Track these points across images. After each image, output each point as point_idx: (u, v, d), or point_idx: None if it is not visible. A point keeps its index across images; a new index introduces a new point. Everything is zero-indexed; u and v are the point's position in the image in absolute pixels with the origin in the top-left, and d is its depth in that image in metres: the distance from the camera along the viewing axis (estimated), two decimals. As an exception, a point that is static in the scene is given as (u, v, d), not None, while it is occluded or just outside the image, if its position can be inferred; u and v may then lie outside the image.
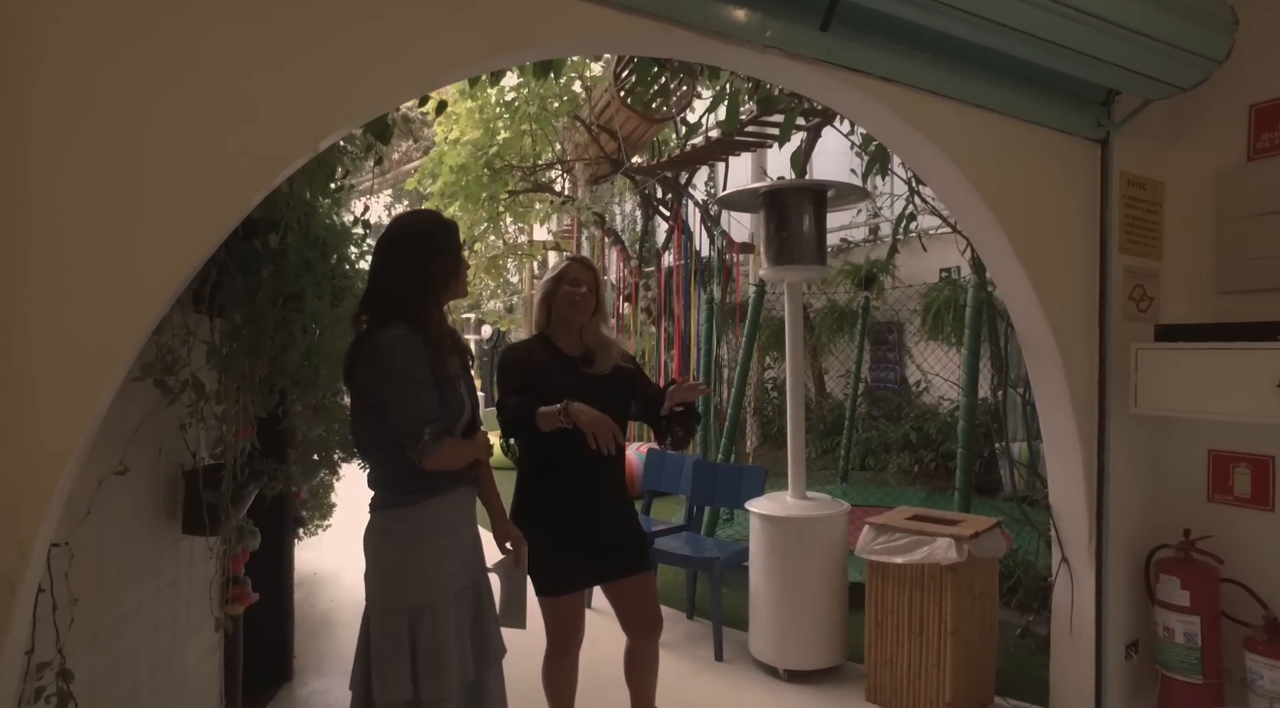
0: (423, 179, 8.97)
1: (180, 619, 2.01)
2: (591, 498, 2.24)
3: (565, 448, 2.19)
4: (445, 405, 1.76)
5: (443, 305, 1.89)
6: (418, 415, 1.69)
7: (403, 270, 1.79)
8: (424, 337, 1.77)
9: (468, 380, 1.93)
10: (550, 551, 2.18)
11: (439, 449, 1.71)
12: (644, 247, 10.09)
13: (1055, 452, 2.66)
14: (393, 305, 1.78)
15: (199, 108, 1.31)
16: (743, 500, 3.58)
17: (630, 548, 2.30)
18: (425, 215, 1.96)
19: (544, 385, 2.20)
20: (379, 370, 1.72)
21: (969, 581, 2.84)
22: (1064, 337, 2.53)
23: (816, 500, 3.32)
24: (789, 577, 3.19)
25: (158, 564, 1.87)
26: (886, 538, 2.91)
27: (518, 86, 8.37)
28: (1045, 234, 2.50)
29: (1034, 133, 2.44)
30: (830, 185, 3.23)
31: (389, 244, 1.84)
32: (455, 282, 1.89)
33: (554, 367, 2.27)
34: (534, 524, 2.19)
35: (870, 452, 7.08)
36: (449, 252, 1.86)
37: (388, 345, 1.72)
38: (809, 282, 8.23)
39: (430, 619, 1.74)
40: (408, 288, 1.78)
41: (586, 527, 2.22)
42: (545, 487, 2.24)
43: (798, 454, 3.38)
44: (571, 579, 2.25)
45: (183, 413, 1.85)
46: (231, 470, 1.89)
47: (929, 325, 6.51)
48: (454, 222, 1.96)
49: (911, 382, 7.70)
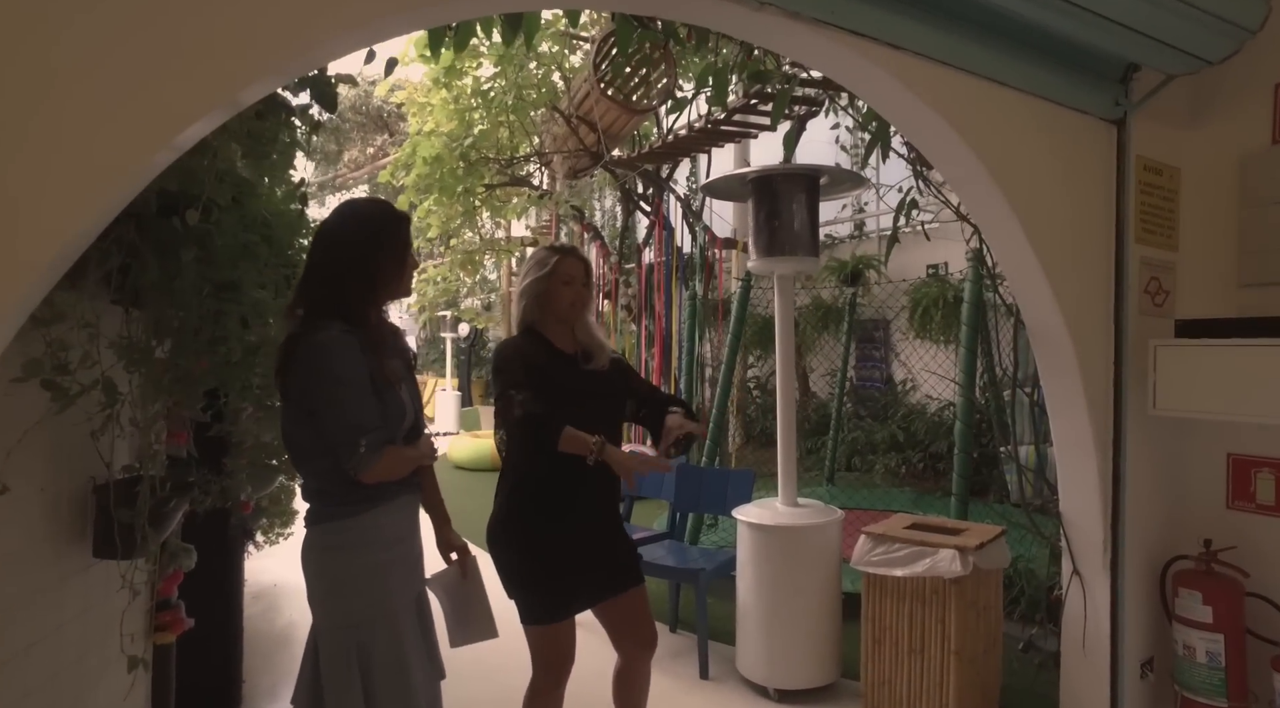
0: (396, 171, 8.68)
1: (91, 656, 1.75)
2: (589, 512, 2.05)
3: (569, 459, 1.98)
4: (386, 412, 1.59)
5: (384, 304, 1.72)
6: (354, 424, 1.52)
7: (345, 264, 1.61)
8: (362, 337, 1.59)
9: (410, 384, 1.76)
10: (544, 573, 1.99)
11: (376, 460, 1.54)
12: (624, 243, 9.87)
13: (1068, 456, 2.47)
14: (330, 301, 1.59)
15: (82, 46, 1.07)
16: (730, 507, 3.37)
17: (625, 561, 2.13)
18: (374, 204, 1.77)
19: (550, 384, 2.02)
20: (314, 374, 1.54)
21: (973, 594, 2.65)
22: (1079, 332, 2.34)
23: (809, 507, 3.12)
24: (780, 590, 2.99)
25: (58, 595, 1.61)
26: (885, 549, 2.71)
27: (493, 76, 8.11)
28: (1059, 221, 2.31)
29: (1049, 111, 2.25)
30: (824, 170, 3.03)
31: (332, 234, 1.65)
32: (400, 280, 1.71)
33: (556, 365, 2.09)
34: (525, 544, 2.00)
35: (856, 452, 6.91)
36: (396, 247, 1.68)
37: (324, 347, 1.54)
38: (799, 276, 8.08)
39: (386, 633, 1.60)
40: (349, 284, 1.61)
41: (584, 544, 2.03)
42: (541, 502, 2.03)
43: (789, 458, 3.18)
44: (567, 604, 2.03)
45: (95, 419, 1.60)
46: (151, 484, 1.63)
47: (916, 323, 6.35)
48: (405, 214, 1.76)
49: (898, 380, 7.54)
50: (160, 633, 2.12)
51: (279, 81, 1.43)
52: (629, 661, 2.16)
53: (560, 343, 2.13)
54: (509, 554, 2.03)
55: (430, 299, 11.68)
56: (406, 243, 1.71)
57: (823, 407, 7.10)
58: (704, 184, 3.04)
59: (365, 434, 1.52)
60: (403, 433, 1.66)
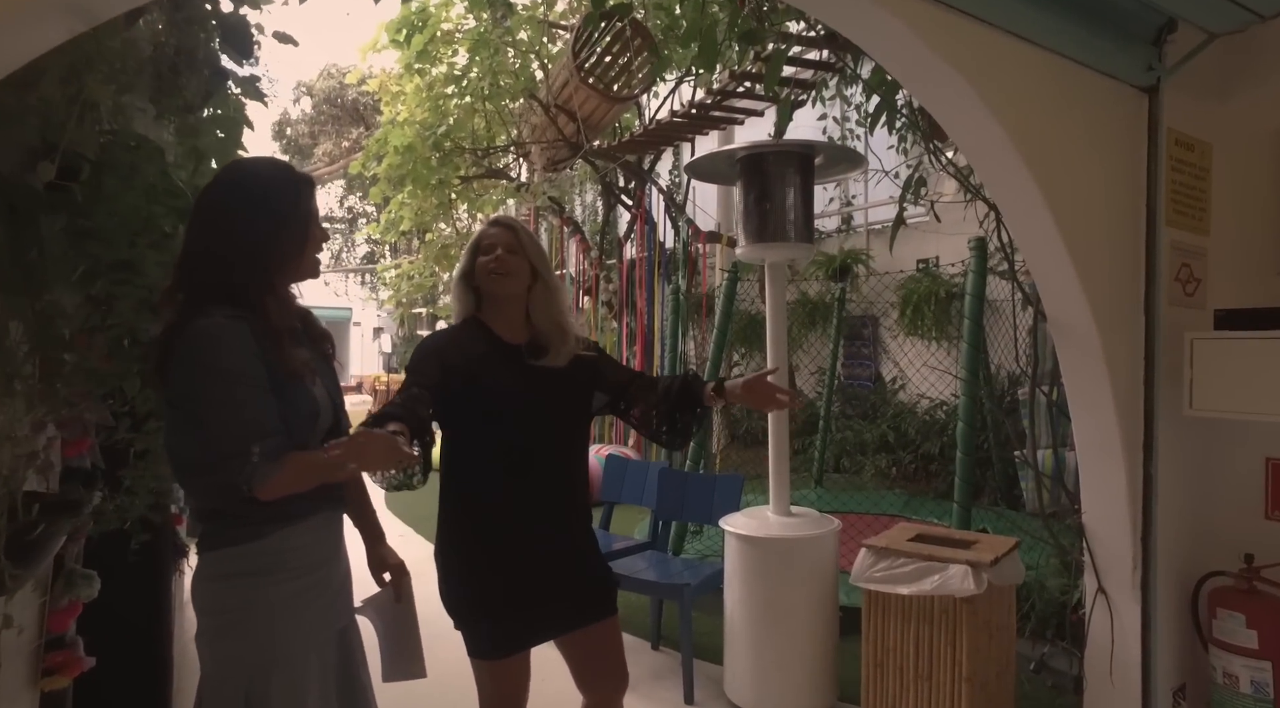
0: (367, 162, 8.33)
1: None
2: (548, 529, 1.73)
3: (511, 463, 1.70)
4: (291, 411, 1.32)
5: (284, 286, 1.43)
6: (245, 429, 1.25)
7: (233, 239, 1.33)
8: (256, 324, 1.30)
9: (328, 376, 1.47)
10: (490, 602, 1.68)
11: (275, 472, 1.26)
12: (605, 237, 9.59)
13: (1092, 461, 2.23)
14: (216, 284, 1.31)
15: None
16: (716, 515, 3.11)
17: (594, 589, 1.80)
18: (269, 165, 1.46)
19: (479, 382, 1.69)
20: (195, 369, 1.27)
21: (986, 613, 2.40)
22: (1106, 323, 2.10)
23: (802, 517, 2.86)
24: (771, 607, 2.72)
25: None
26: (888, 564, 2.45)
27: (468, 64, 7.80)
28: (1087, 199, 2.06)
29: (1076, 75, 2.01)
30: (820, 148, 2.77)
31: (217, 202, 1.36)
32: (303, 258, 1.42)
33: (491, 358, 1.74)
34: (467, 568, 1.69)
35: (845, 453, 6.68)
36: (298, 217, 1.39)
37: (206, 336, 1.27)
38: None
39: (280, 682, 1.33)
40: (239, 259, 1.32)
41: (542, 569, 1.71)
42: (483, 518, 1.72)
43: (780, 463, 2.91)
44: (519, 638, 1.71)
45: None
46: (8, 505, 1.33)
47: (907, 320, 6.12)
48: (308, 177, 1.46)
49: (887, 379, 7.32)
50: (50, 678, 1.80)
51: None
52: (596, 704, 1.86)
53: (506, 332, 1.79)
54: (450, 579, 1.72)
55: (405, 295, 11.32)
56: (310, 212, 1.42)
57: (810, 406, 6.86)
58: (688, 163, 2.76)
59: (260, 440, 1.24)
60: (318, 435, 1.38)
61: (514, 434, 1.72)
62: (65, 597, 1.84)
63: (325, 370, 1.48)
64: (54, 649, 1.83)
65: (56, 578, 1.85)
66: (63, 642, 1.85)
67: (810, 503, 5.53)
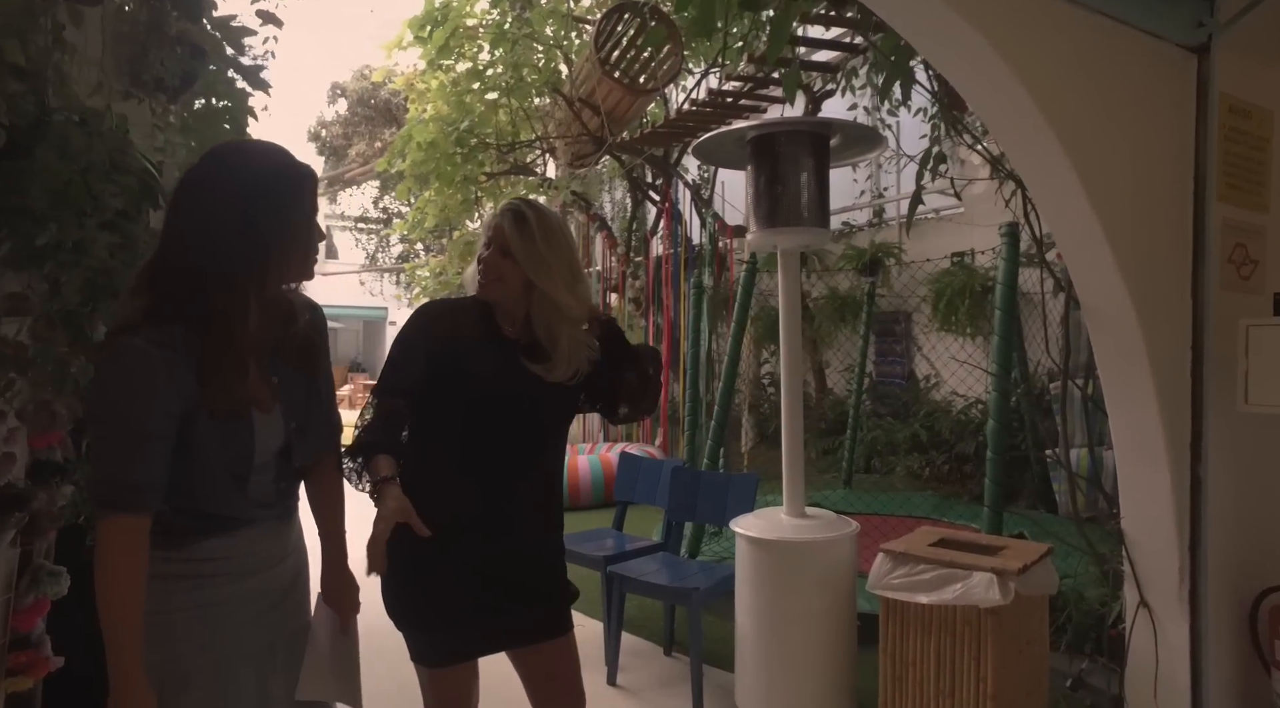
0: (392, 159, 8.34)
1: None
2: (496, 539, 1.57)
3: (466, 465, 1.57)
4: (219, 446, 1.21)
5: (269, 299, 1.26)
6: (102, 462, 1.16)
7: (219, 232, 1.18)
8: (188, 354, 1.16)
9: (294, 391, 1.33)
10: (427, 609, 1.56)
11: (102, 519, 1.14)
12: (632, 233, 9.47)
13: (1132, 462, 2.03)
14: (183, 289, 1.17)
15: None
16: (730, 516, 2.96)
17: (546, 601, 1.65)
18: (267, 149, 1.28)
19: (467, 374, 1.55)
20: (94, 392, 1.20)
21: (1014, 625, 2.21)
22: (1148, 310, 1.90)
23: (817, 519, 2.69)
24: (783, 614, 2.56)
25: None
26: (907, 570, 2.28)
27: (490, 60, 7.75)
28: (1125, 172, 1.87)
29: (1113, 32, 1.81)
30: (835, 126, 2.60)
31: (202, 189, 1.20)
32: (307, 258, 1.28)
33: (485, 351, 1.58)
34: (408, 570, 1.53)
35: (876, 453, 6.45)
36: (302, 211, 1.25)
37: (114, 363, 1.15)
38: (808, 264, 7.61)
39: (203, 689, 1.23)
40: (221, 261, 1.17)
41: (483, 581, 1.56)
42: (432, 510, 1.53)
43: (795, 462, 2.75)
44: (453, 649, 1.59)
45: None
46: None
47: (940, 315, 5.88)
48: (310, 168, 1.28)
49: (920, 376, 7.06)
50: (14, 678, 1.73)
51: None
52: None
53: (507, 324, 1.63)
54: (388, 582, 1.57)
55: (435, 293, 11.30)
56: (313, 208, 1.28)
57: (840, 404, 6.65)
58: (695, 144, 2.61)
59: (107, 481, 1.14)
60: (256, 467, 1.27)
61: (477, 434, 1.58)
62: (31, 594, 1.77)
63: (293, 389, 1.33)
64: (19, 649, 1.77)
65: (22, 574, 1.78)
66: (28, 641, 1.78)
67: (837, 504, 5.35)
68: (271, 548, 1.33)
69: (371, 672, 1.58)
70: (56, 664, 1.81)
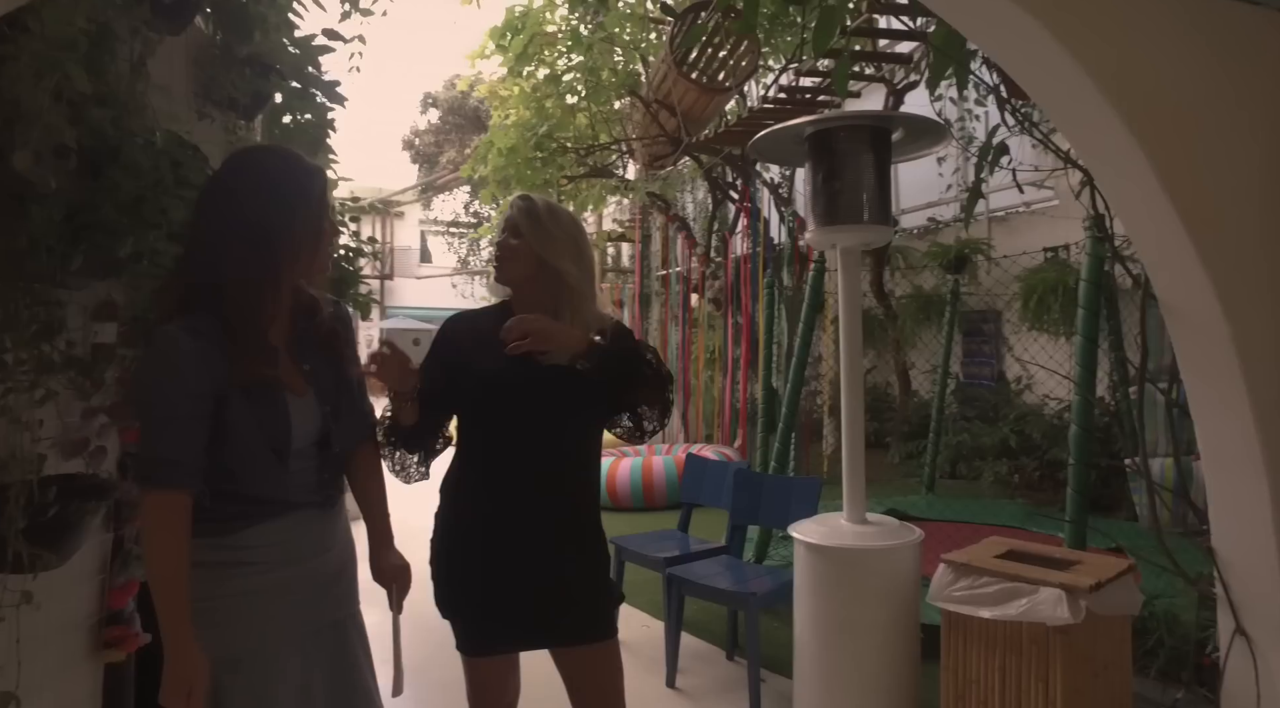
0: (475, 165, 8.60)
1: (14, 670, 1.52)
2: (528, 537, 1.61)
3: (493, 460, 1.62)
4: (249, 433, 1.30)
5: (286, 289, 1.37)
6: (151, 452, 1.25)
7: (235, 229, 1.28)
8: (219, 338, 1.27)
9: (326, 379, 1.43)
10: (459, 602, 1.64)
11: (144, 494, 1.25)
12: (713, 233, 9.42)
13: (1221, 473, 1.87)
14: (206, 281, 1.28)
15: None
16: (791, 520, 2.90)
17: (583, 605, 1.65)
18: (278, 152, 1.41)
19: (476, 372, 1.61)
20: (137, 378, 1.35)
21: (1087, 646, 2.07)
22: (1236, 306, 1.74)
23: (879, 526, 2.60)
24: (841, 623, 2.49)
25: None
26: (969, 582, 2.18)
27: (568, 66, 7.87)
28: (1206, 156, 1.72)
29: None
30: (896, 120, 2.51)
31: (220, 190, 1.33)
32: (319, 251, 1.38)
33: (488, 344, 1.59)
34: (446, 558, 1.64)
35: (961, 457, 6.17)
36: (311, 207, 1.34)
37: (153, 349, 1.27)
38: (892, 262, 7.37)
39: (250, 673, 1.30)
40: (239, 255, 1.28)
41: (515, 570, 1.60)
42: (460, 507, 1.66)
43: (855, 467, 2.67)
44: (483, 642, 1.64)
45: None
46: (25, 490, 1.38)
47: (1031, 313, 5.56)
48: (320, 168, 1.40)
49: (1010, 378, 6.71)
50: (110, 650, 1.90)
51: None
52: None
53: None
54: (438, 571, 1.67)
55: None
56: (324, 204, 1.38)
57: (924, 406, 6.40)
58: (751, 142, 2.57)
59: (147, 458, 1.24)
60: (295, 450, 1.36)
61: (498, 430, 1.63)
62: (122, 575, 1.94)
63: (325, 377, 1.42)
64: (113, 624, 1.93)
65: (115, 557, 1.95)
66: (121, 617, 1.95)
67: (918, 510, 5.16)
68: (316, 537, 1.41)
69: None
70: (145, 640, 1.97)
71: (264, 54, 2.12)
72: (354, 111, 2.73)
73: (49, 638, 1.68)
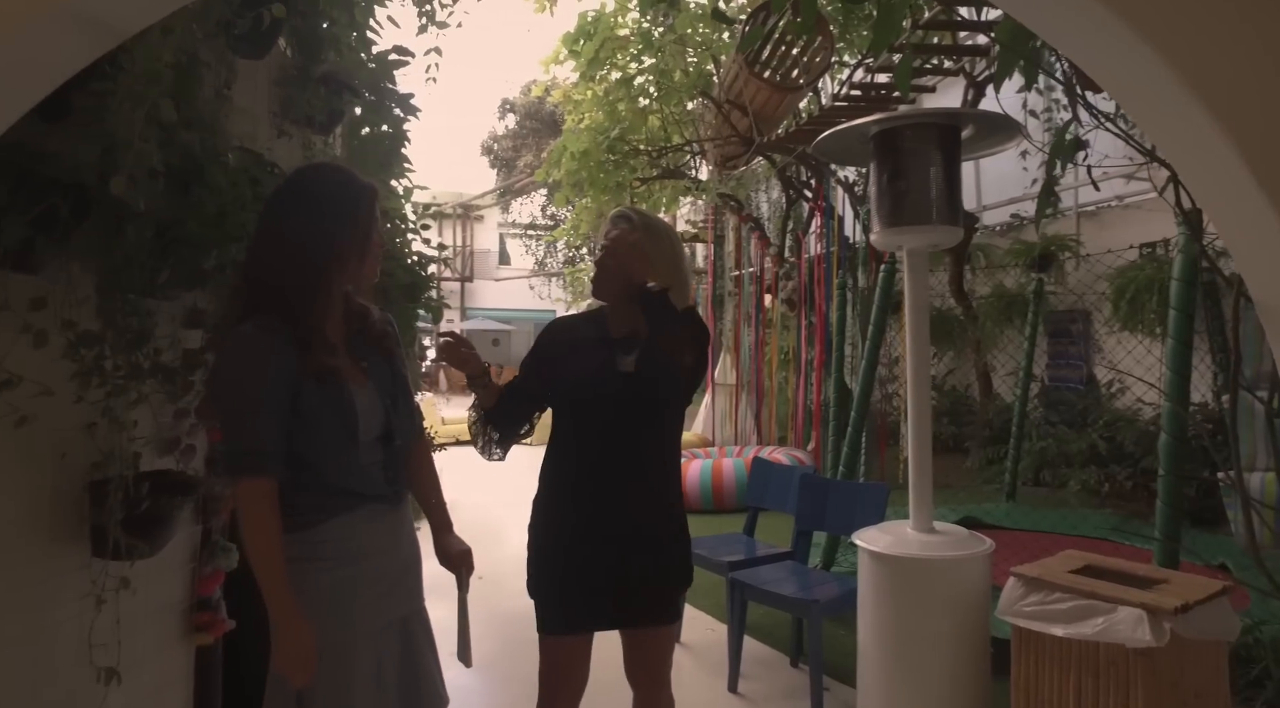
0: (549, 169, 8.76)
1: (100, 658, 1.65)
2: (608, 524, 1.74)
3: (580, 453, 1.78)
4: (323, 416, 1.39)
5: (337, 293, 1.47)
6: (238, 439, 1.36)
7: (286, 241, 1.40)
8: (288, 334, 1.36)
9: (383, 378, 1.52)
10: (545, 579, 1.78)
11: (237, 484, 1.34)
12: (787, 233, 9.30)
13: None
14: (267, 287, 1.39)
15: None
16: (857, 526, 2.84)
17: (658, 593, 1.81)
18: (329, 171, 1.53)
19: (567, 371, 1.79)
20: (216, 376, 1.41)
21: (1174, 673, 1.95)
22: (1339, 310, 1.60)
23: (947, 535, 2.52)
24: (906, 634, 2.43)
25: (33, 596, 1.52)
26: (1040, 597, 2.09)
27: (640, 68, 7.91)
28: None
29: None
30: (965, 117, 2.42)
31: (275, 207, 1.44)
32: (365, 262, 1.48)
33: (580, 349, 1.81)
34: (535, 548, 1.82)
35: (1046, 464, 5.89)
36: (358, 222, 1.44)
37: (229, 346, 1.38)
38: (973, 261, 7.08)
39: (330, 666, 1.38)
40: (291, 264, 1.39)
41: (600, 557, 1.74)
42: (554, 497, 1.81)
43: (922, 473, 2.60)
44: (561, 622, 1.79)
45: (88, 412, 1.50)
46: (122, 485, 1.50)
47: (1123, 313, 5.25)
48: (370, 185, 1.50)
49: (1101, 381, 6.35)
50: (200, 634, 2.04)
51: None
52: (641, 695, 1.89)
53: (614, 324, 1.84)
54: (527, 554, 1.84)
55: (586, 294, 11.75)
56: (369, 218, 1.47)
57: (1006, 410, 6.14)
58: (815, 142, 2.54)
59: (234, 450, 1.33)
60: (360, 442, 1.44)
61: (589, 427, 1.77)
62: (210, 565, 2.08)
63: (383, 372, 1.52)
64: (201, 610, 2.08)
65: (203, 548, 2.09)
66: (209, 604, 2.09)
67: (998, 519, 4.96)
68: (385, 533, 1.49)
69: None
70: (230, 625, 2.12)
71: (339, 72, 2.24)
72: (437, 120, 2.86)
73: (145, 621, 1.83)
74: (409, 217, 2.88)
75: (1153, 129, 1.69)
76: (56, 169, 1.20)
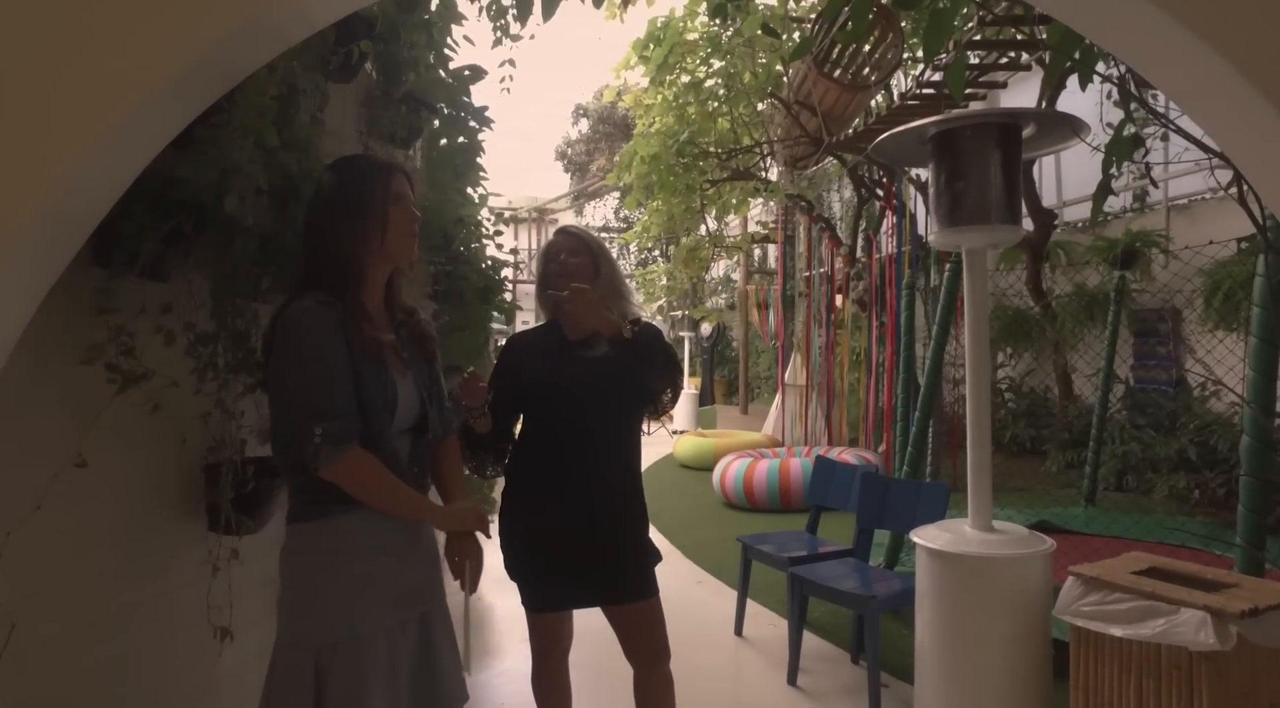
0: (620, 173, 8.92)
1: (216, 618, 1.86)
2: (571, 509, 1.94)
3: (541, 446, 2.01)
4: (366, 393, 1.44)
5: (376, 271, 1.56)
6: (309, 410, 1.37)
7: (316, 227, 1.55)
8: (342, 310, 1.45)
9: (422, 374, 1.62)
10: (519, 566, 2.00)
11: (338, 456, 1.38)
12: (858, 233, 9.20)
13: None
14: (316, 270, 1.52)
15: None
16: (917, 525, 2.85)
17: (623, 572, 1.99)
18: (351, 158, 1.71)
19: (529, 373, 2.01)
20: (280, 350, 1.43)
21: (1245, 680, 1.91)
22: None
23: (1005, 534, 2.51)
24: (964, 633, 2.43)
25: (163, 561, 1.73)
26: (1099, 597, 2.08)
27: (710, 71, 7.98)
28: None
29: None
30: (1025, 116, 2.41)
31: (312, 199, 1.60)
32: (386, 238, 1.54)
33: (544, 352, 2.05)
34: (505, 534, 2.02)
35: (1130, 469, 5.65)
36: (371, 200, 1.53)
37: (290, 320, 1.43)
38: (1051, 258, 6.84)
39: (346, 659, 1.41)
40: (325, 248, 1.52)
41: (558, 547, 1.96)
42: (516, 492, 2.03)
43: (980, 472, 2.59)
44: (538, 600, 2.03)
45: (204, 402, 1.71)
46: (231, 468, 1.70)
47: (1216, 311, 5.00)
48: (387, 164, 1.63)
49: (1194, 384, 6.05)
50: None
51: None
52: (638, 671, 2.07)
53: (571, 330, 2.05)
54: (505, 541, 2.02)
55: (662, 298, 11.87)
56: (383, 196, 1.53)
57: (1087, 412, 5.92)
58: (872, 146, 2.58)
59: (324, 422, 1.35)
60: (397, 428, 1.52)
61: (553, 422, 1.99)
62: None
63: (421, 369, 1.61)
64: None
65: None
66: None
67: (1075, 524, 4.82)
68: (402, 529, 1.52)
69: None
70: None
71: (418, 90, 2.42)
72: (514, 127, 3.07)
73: (252, 590, 2.03)
74: (484, 222, 3.06)
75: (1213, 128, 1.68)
76: (181, 192, 1.39)
